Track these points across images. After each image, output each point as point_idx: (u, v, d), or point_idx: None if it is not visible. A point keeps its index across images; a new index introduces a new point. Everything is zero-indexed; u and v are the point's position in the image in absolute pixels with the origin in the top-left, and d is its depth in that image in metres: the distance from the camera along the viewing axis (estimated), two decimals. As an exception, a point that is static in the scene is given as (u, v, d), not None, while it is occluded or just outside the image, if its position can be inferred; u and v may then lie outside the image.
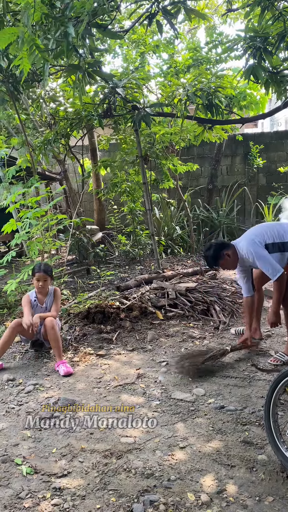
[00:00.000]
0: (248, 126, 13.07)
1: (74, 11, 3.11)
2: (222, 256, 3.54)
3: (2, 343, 3.70)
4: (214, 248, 3.57)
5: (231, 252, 3.54)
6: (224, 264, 3.60)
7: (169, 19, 3.65)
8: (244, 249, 3.47)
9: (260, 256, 3.36)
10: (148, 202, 6.22)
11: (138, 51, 8.79)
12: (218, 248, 3.56)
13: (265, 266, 3.35)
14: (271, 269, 3.32)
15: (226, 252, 3.54)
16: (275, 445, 2.29)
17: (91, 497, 2.14)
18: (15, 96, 5.45)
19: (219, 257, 3.54)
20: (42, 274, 3.87)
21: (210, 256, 3.58)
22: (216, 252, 3.55)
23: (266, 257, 3.35)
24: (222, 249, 3.55)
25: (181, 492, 2.15)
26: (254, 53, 3.77)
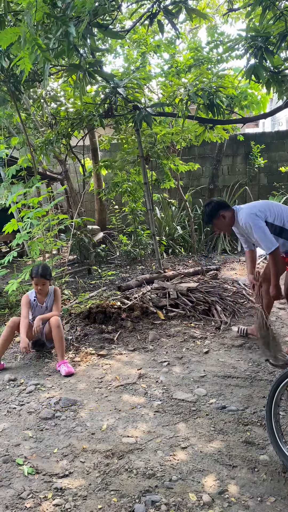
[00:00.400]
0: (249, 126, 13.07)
1: (75, 10, 3.11)
2: (218, 215, 3.55)
3: (1, 342, 3.69)
4: (212, 205, 3.59)
5: (228, 215, 3.55)
6: (218, 224, 3.61)
7: (170, 18, 3.65)
8: (243, 219, 3.46)
9: (258, 228, 3.36)
10: (149, 202, 6.22)
11: (139, 51, 8.79)
12: (217, 206, 3.57)
13: (260, 239, 3.35)
14: (266, 242, 3.33)
15: (223, 213, 3.55)
16: (277, 446, 2.28)
17: (92, 497, 2.13)
18: (16, 96, 5.45)
19: (215, 215, 3.56)
20: (39, 278, 3.85)
21: (207, 212, 3.61)
22: (214, 210, 3.56)
23: (264, 230, 3.36)
24: (220, 209, 3.56)
25: (182, 493, 2.15)
26: (256, 53, 3.77)
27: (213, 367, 3.57)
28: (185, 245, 8.61)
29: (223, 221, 3.57)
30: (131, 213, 7.80)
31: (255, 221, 3.37)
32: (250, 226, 3.39)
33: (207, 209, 3.61)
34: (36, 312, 3.90)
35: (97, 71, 3.88)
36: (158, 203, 9.25)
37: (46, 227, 4.94)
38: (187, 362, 3.69)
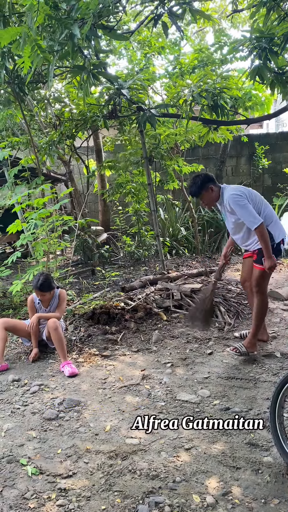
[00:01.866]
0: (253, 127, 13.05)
1: (80, 12, 3.12)
2: (207, 187, 3.64)
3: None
4: (203, 177, 3.68)
5: (216, 189, 3.66)
6: (205, 196, 3.69)
7: (174, 20, 3.64)
8: (227, 196, 3.56)
9: (242, 206, 3.46)
10: (153, 203, 6.22)
11: (143, 52, 8.80)
12: (206, 179, 3.67)
13: (244, 215, 3.45)
14: (251, 218, 3.42)
15: (212, 186, 3.65)
16: (280, 447, 2.28)
17: (96, 498, 2.14)
18: (20, 97, 5.46)
19: (204, 187, 3.64)
20: (38, 292, 3.87)
21: (198, 182, 3.67)
22: (204, 182, 3.65)
23: (247, 207, 3.46)
24: (209, 181, 3.66)
25: (186, 494, 2.15)
26: (260, 54, 3.76)
27: (216, 368, 3.57)
28: (188, 246, 8.60)
29: (210, 194, 3.66)
30: (135, 214, 7.81)
31: (239, 199, 3.49)
32: (233, 203, 3.48)
33: (198, 180, 3.68)
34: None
35: (101, 72, 3.88)
36: (162, 204, 9.25)
37: (50, 228, 4.95)
38: (191, 363, 3.69)
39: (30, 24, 2.90)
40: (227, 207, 3.58)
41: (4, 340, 3.76)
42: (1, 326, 3.78)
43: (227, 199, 3.54)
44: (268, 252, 3.47)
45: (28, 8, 2.88)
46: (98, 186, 9.27)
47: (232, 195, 3.51)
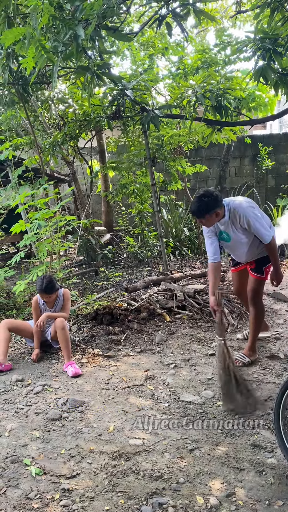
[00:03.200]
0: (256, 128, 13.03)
1: (84, 13, 3.13)
2: (213, 212, 3.25)
3: (0, 341, 3.73)
4: (212, 200, 3.22)
5: (221, 212, 3.30)
6: (209, 220, 3.31)
7: (178, 21, 3.65)
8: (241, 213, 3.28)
9: (258, 219, 3.30)
10: (156, 204, 6.22)
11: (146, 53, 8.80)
12: (214, 203, 3.23)
13: (261, 229, 3.29)
14: (267, 231, 3.31)
15: (219, 210, 3.27)
16: (284, 449, 2.27)
17: (99, 499, 2.13)
18: (24, 98, 5.48)
19: (210, 211, 3.24)
20: (42, 294, 3.85)
21: (203, 205, 3.22)
22: (211, 206, 3.23)
23: (262, 220, 3.33)
24: (216, 206, 3.24)
25: (190, 495, 2.14)
26: (264, 55, 3.75)
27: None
28: (192, 247, 8.60)
29: (215, 219, 3.31)
30: (138, 215, 7.81)
31: (256, 214, 3.31)
32: (253, 219, 3.28)
33: (203, 203, 3.22)
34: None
35: (105, 73, 3.89)
36: (165, 205, 9.25)
37: (54, 228, 4.96)
38: (194, 364, 3.68)
39: (34, 24, 2.91)
40: (243, 225, 3.32)
41: (7, 340, 3.76)
42: (4, 326, 3.79)
43: (242, 216, 3.28)
44: (278, 265, 3.44)
45: (32, 9, 2.89)
46: (101, 186, 9.28)
47: (249, 210, 3.29)
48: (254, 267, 3.56)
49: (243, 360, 3.61)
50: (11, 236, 6.29)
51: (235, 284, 3.98)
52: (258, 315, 3.63)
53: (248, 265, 3.64)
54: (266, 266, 3.53)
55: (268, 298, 5.48)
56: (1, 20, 3.57)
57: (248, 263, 3.64)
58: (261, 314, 3.66)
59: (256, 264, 3.54)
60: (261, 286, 3.60)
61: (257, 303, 3.62)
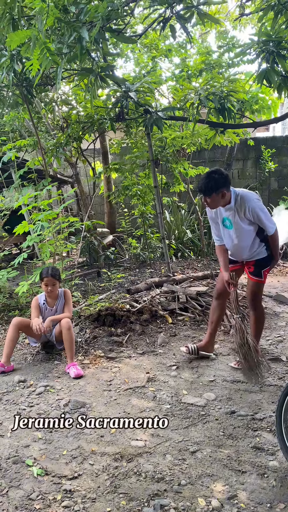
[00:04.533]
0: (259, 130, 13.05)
1: (89, 15, 3.14)
2: (220, 191, 3.24)
3: (7, 342, 3.71)
4: (219, 179, 3.23)
5: (228, 195, 3.30)
6: (214, 199, 3.28)
7: (182, 23, 3.65)
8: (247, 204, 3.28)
9: (265, 212, 3.36)
10: (159, 206, 6.23)
11: (149, 55, 8.83)
12: (223, 182, 3.24)
13: (267, 220, 3.34)
14: (271, 223, 3.37)
15: (225, 190, 3.25)
16: (286, 452, 2.27)
17: (101, 500, 2.14)
18: (28, 100, 5.50)
19: (218, 189, 3.23)
20: (50, 278, 3.86)
21: (212, 183, 3.22)
22: (220, 184, 3.22)
23: (266, 211, 3.39)
24: (225, 186, 3.25)
25: (191, 497, 2.14)
26: (267, 57, 3.76)
27: (222, 371, 3.56)
28: (194, 249, 8.60)
29: (219, 199, 3.28)
30: (141, 216, 7.82)
31: (262, 205, 3.38)
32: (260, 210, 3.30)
33: (214, 179, 3.22)
34: (46, 316, 3.91)
35: (109, 75, 3.90)
36: (168, 207, 9.26)
37: (57, 229, 4.97)
38: (196, 366, 3.68)
39: (39, 27, 2.93)
40: (247, 215, 3.31)
41: (13, 342, 3.75)
42: (15, 326, 3.74)
43: (250, 208, 3.27)
44: (278, 256, 3.54)
45: (38, 11, 2.90)
46: (104, 188, 9.30)
47: (256, 202, 3.31)
48: (252, 270, 3.52)
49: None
50: (14, 237, 6.31)
51: (218, 284, 3.72)
52: (259, 318, 3.62)
53: (247, 268, 3.60)
54: (265, 270, 3.51)
55: (270, 301, 5.48)
56: (6, 22, 3.59)
57: (246, 266, 3.60)
58: (261, 317, 3.65)
59: (255, 268, 3.51)
60: (260, 289, 3.60)
61: (258, 307, 3.61)
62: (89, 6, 3.15)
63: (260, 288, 3.59)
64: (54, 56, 3.15)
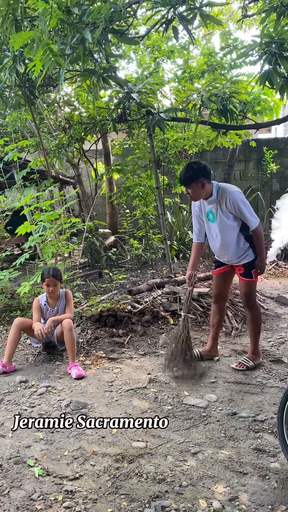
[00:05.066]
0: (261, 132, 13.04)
1: (92, 17, 3.15)
2: (199, 181, 3.34)
3: (9, 342, 3.72)
4: (199, 168, 3.35)
5: (208, 186, 3.38)
6: (194, 189, 3.37)
7: (185, 25, 3.66)
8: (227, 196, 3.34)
9: (246, 204, 3.38)
10: (161, 207, 6.23)
11: (152, 57, 8.84)
12: (201, 172, 3.34)
13: (249, 213, 3.36)
14: (253, 217, 3.37)
15: (205, 180, 3.35)
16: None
17: (102, 501, 2.14)
18: (31, 101, 5.51)
19: (196, 179, 3.33)
20: (51, 279, 3.87)
21: (190, 173, 3.34)
22: (197, 174, 3.33)
23: (248, 205, 3.39)
24: (203, 176, 3.35)
25: (192, 498, 2.14)
26: (270, 59, 3.77)
27: (223, 373, 3.56)
28: (196, 250, 8.59)
29: (200, 189, 3.37)
30: (142, 217, 7.82)
31: (243, 197, 3.40)
32: (240, 201, 3.34)
33: (192, 169, 3.35)
34: (47, 316, 3.91)
35: (111, 76, 3.91)
36: (170, 208, 9.27)
37: (59, 230, 4.98)
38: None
39: (43, 28, 2.94)
40: (228, 207, 3.36)
41: (15, 343, 3.75)
42: (17, 327, 3.74)
43: (231, 199, 3.33)
44: (263, 254, 3.44)
45: (41, 13, 2.91)
46: (106, 189, 9.31)
47: (237, 194, 3.36)
48: (243, 272, 3.51)
49: (247, 364, 3.60)
50: (16, 238, 6.31)
51: (214, 288, 3.80)
52: (255, 318, 3.62)
53: (237, 270, 3.57)
54: (254, 270, 3.50)
55: (272, 302, 5.48)
56: (9, 23, 3.60)
57: (236, 268, 3.58)
58: (258, 317, 3.64)
59: (245, 269, 3.50)
60: (252, 289, 3.58)
61: (253, 307, 3.61)
62: (92, 8, 3.16)
63: (252, 288, 3.57)
64: (57, 57, 3.16)
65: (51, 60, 3.13)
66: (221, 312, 3.80)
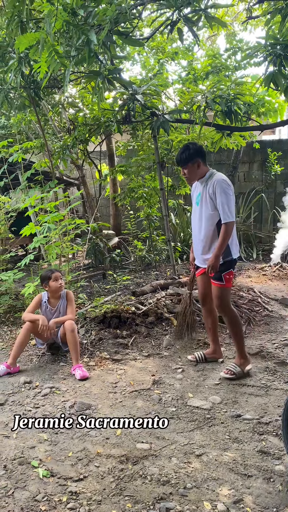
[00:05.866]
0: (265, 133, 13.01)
1: (97, 18, 3.16)
2: (195, 161, 3.43)
3: (17, 344, 3.72)
4: (196, 149, 3.44)
5: (203, 167, 3.47)
6: (190, 169, 3.47)
7: (190, 26, 3.66)
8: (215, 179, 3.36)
9: (228, 195, 3.32)
10: (165, 208, 6.23)
11: (156, 58, 8.85)
12: (197, 153, 3.44)
13: (226, 205, 3.29)
14: (229, 211, 3.30)
15: (201, 161, 3.45)
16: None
17: (107, 503, 2.13)
18: (35, 102, 5.53)
19: (193, 159, 3.43)
20: (58, 273, 3.94)
21: (188, 153, 3.42)
22: (194, 154, 3.42)
23: (231, 199, 3.33)
24: (200, 156, 3.45)
25: (197, 501, 2.14)
26: (275, 60, 3.76)
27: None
28: (199, 252, 8.57)
29: (195, 169, 3.46)
30: (146, 219, 7.82)
31: (228, 188, 3.34)
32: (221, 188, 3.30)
33: (188, 149, 3.43)
34: (46, 315, 3.92)
35: (116, 77, 3.92)
36: (174, 209, 9.26)
37: (63, 231, 4.98)
38: (202, 369, 3.67)
39: (48, 29, 2.95)
40: (210, 190, 3.37)
41: (23, 345, 3.75)
42: (28, 330, 3.74)
43: (215, 182, 3.34)
44: (221, 251, 3.33)
45: (47, 15, 2.92)
46: (110, 190, 9.31)
47: (224, 181, 3.34)
48: (213, 274, 3.43)
49: (234, 369, 3.47)
50: (21, 239, 6.33)
51: (199, 289, 3.80)
52: (232, 322, 3.51)
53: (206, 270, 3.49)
54: (225, 273, 3.42)
55: (276, 304, 5.46)
56: (15, 25, 3.62)
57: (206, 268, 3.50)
58: (235, 320, 3.52)
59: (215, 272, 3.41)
60: (224, 293, 3.46)
61: (226, 311, 3.50)
62: (97, 10, 3.17)
63: (224, 292, 3.46)
64: (62, 59, 3.17)
65: (56, 61, 3.15)
66: (212, 313, 3.75)
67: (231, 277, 3.49)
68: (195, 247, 3.64)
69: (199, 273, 3.71)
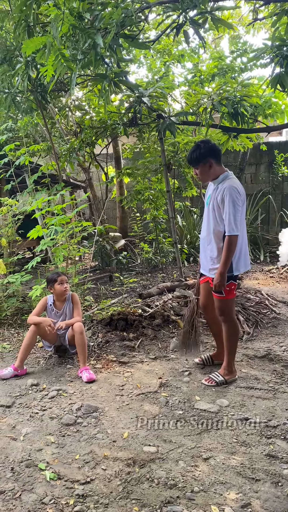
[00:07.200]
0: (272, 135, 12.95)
1: (103, 22, 3.17)
2: (207, 160, 3.24)
3: (24, 346, 3.73)
4: (207, 148, 3.24)
5: (216, 167, 3.27)
6: (202, 169, 3.28)
7: (196, 29, 3.66)
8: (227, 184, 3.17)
9: (236, 205, 3.11)
10: (171, 210, 6.23)
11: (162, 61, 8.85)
12: (210, 152, 3.24)
13: (231, 215, 3.09)
14: (234, 223, 3.09)
15: (213, 161, 3.25)
16: (301, 460, 2.24)
17: (114, 506, 2.13)
18: (42, 105, 5.56)
19: (204, 159, 3.24)
20: (63, 276, 3.96)
21: (198, 151, 3.24)
22: (206, 154, 3.23)
23: (238, 212, 3.12)
24: (213, 156, 3.24)
25: (204, 505, 2.12)
26: (281, 62, 3.75)
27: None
28: (206, 254, 8.56)
29: (208, 169, 3.27)
30: (153, 221, 7.82)
31: (237, 198, 3.13)
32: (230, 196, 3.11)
33: (199, 148, 3.24)
34: (52, 318, 3.93)
35: (122, 80, 3.93)
36: (180, 211, 9.25)
37: (70, 234, 5.00)
38: (209, 372, 3.65)
39: (54, 33, 2.96)
40: (218, 197, 3.19)
41: (29, 347, 3.76)
42: (34, 332, 3.75)
43: (225, 189, 3.14)
44: (225, 267, 3.16)
45: (53, 19, 2.94)
46: (116, 193, 9.33)
47: (234, 189, 3.13)
48: (213, 285, 3.30)
49: (216, 378, 3.40)
50: (28, 241, 6.35)
51: (201, 298, 3.68)
52: (229, 332, 3.39)
53: (211, 282, 3.38)
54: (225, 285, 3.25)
55: (284, 307, 5.43)
56: (22, 29, 3.65)
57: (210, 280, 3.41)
58: (233, 332, 3.40)
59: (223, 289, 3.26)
60: (225, 305, 3.32)
61: (227, 321, 3.37)
62: (103, 13, 3.18)
63: (225, 303, 3.32)
64: (68, 62, 3.18)
65: (63, 65, 3.16)
66: (215, 321, 3.61)
67: (233, 287, 3.32)
68: (201, 252, 3.52)
69: (203, 281, 3.62)
